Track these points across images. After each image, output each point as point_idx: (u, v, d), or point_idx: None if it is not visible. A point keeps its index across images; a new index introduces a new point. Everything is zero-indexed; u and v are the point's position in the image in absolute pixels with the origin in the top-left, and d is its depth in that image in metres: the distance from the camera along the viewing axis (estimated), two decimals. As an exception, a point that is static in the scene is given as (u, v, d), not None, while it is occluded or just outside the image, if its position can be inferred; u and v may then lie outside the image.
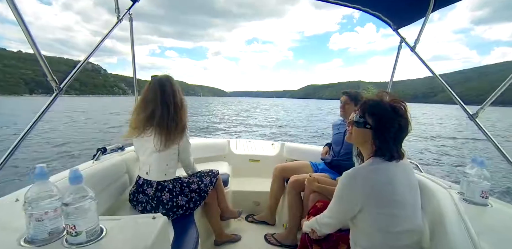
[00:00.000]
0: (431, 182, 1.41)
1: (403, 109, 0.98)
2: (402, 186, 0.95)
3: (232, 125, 16.35)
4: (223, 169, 2.38)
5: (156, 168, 1.52)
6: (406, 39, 1.92)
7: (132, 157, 1.87)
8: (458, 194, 1.21)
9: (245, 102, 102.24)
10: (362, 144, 1.06)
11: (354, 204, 0.95)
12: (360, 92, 2.16)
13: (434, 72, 1.70)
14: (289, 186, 1.99)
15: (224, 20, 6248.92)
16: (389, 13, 1.99)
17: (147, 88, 1.52)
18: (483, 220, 1.00)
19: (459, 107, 1.57)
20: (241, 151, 3.00)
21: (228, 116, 24.29)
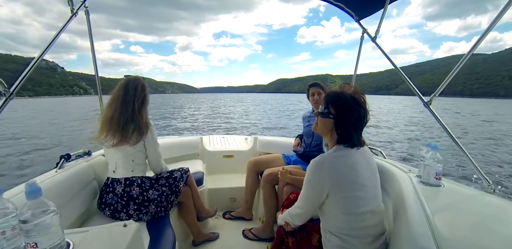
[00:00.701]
0: (393, 167, 1.52)
1: (362, 100, 1.09)
2: (363, 170, 1.05)
3: (205, 122, 16.01)
4: (197, 167, 2.36)
5: (122, 165, 1.54)
6: (367, 30, 2.03)
7: (101, 162, 1.78)
8: (416, 177, 1.34)
9: (217, 98, 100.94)
10: (326, 134, 1.14)
11: (322, 190, 1.03)
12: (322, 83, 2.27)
13: (393, 62, 1.82)
14: (263, 179, 2.03)
15: (191, 13, 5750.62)
16: (351, 4, 2.08)
17: (116, 88, 1.55)
18: (437, 199, 1.13)
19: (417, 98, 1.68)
20: (214, 148, 2.98)
21: (200, 113, 23.79)
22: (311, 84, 2.25)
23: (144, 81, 1.60)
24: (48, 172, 1.40)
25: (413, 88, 1.66)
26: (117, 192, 1.49)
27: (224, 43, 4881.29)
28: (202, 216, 1.94)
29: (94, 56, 2.01)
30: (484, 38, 1.26)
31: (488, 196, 1.17)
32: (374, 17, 2.06)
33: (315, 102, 2.18)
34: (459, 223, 0.93)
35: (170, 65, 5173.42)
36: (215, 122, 15.55)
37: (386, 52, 1.86)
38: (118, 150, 1.52)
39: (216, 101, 63.06)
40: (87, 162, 1.65)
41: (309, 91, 2.24)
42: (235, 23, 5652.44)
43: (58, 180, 1.33)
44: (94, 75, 2.15)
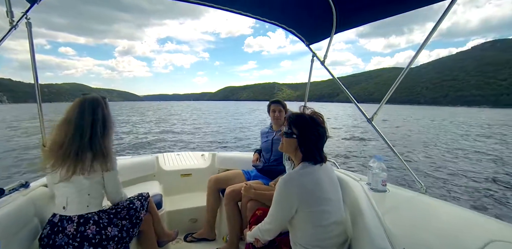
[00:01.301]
0: (346, 177, 1.73)
1: (320, 119, 1.23)
2: (327, 185, 1.17)
3: (155, 136, 14.68)
4: (154, 189, 2.24)
5: (75, 200, 1.33)
6: (317, 54, 2.26)
7: (42, 194, 1.55)
8: (366, 185, 1.55)
9: (162, 107, 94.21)
10: (291, 152, 1.25)
11: (291, 206, 1.12)
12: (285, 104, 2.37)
13: (338, 80, 2.09)
14: (226, 197, 2.03)
15: (133, 16, 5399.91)
16: (302, 31, 2.29)
17: (69, 108, 1.35)
18: (385, 203, 1.33)
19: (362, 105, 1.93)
20: (171, 167, 2.86)
21: (148, 125, 21.78)
22: (272, 101, 2.35)
23: (105, 101, 1.44)
24: None
25: (357, 107, 1.93)
26: (68, 232, 1.28)
27: (170, 49, 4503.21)
28: (163, 240, 1.84)
29: (35, 70, 1.78)
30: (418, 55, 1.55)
31: (422, 197, 1.43)
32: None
33: (275, 118, 2.30)
34: (404, 222, 1.13)
35: (109, 71, 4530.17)
36: (167, 137, 14.51)
37: (327, 63, 2.14)
38: (70, 183, 1.32)
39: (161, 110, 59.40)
40: (24, 196, 1.43)
41: (270, 107, 2.34)
42: (181, 29, 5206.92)
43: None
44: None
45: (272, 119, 2.35)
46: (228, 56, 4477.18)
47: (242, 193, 1.87)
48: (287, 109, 2.33)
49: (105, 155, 1.33)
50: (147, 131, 17.15)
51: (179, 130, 18.03)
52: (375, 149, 10.53)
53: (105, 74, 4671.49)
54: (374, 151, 10.19)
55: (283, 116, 2.28)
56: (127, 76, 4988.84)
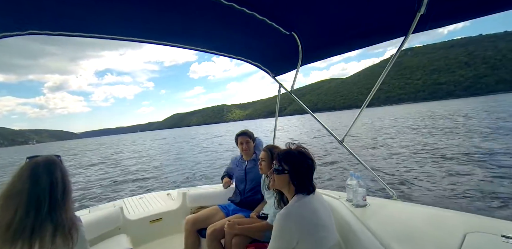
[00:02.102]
0: (327, 196, 1.83)
1: (307, 152, 1.31)
2: (322, 212, 1.23)
3: (105, 181, 12.71)
4: (123, 245, 2.03)
5: None
6: (283, 85, 2.41)
7: None
8: (347, 202, 1.68)
9: (104, 143, 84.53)
10: (284, 187, 1.31)
11: (291, 238, 1.15)
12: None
13: (301, 103, 2.29)
14: (209, 238, 1.95)
15: (64, 49, 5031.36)
16: (267, 65, 2.44)
17: (14, 177, 1.11)
18: (368, 215, 1.44)
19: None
20: (137, 215, 2.60)
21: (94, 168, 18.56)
22: (239, 133, 2.40)
23: (61, 160, 1.24)
24: None
25: (327, 129, 2.09)
26: None
27: (110, 81, 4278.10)
28: None
29: None
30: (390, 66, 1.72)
31: (395, 203, 1.61)
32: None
33: (244, 150, 2.35)
34: (392, 231, 1.23)
35: (36, 109, 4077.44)
36: (120, 179, 12.74)
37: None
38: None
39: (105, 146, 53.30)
40: None
41: (237, 140, 2.39)
42: (122, 60, 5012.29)
43: None
44: None
45: (241, 150, 2.39)
46: (173, 83, 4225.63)
47: (226, 230, 1.83)
48: (254, 138, 2.41)
49: (66, 225, 1.12)
50: (92, 175, 14.99)
51: (130, 168, 16.11)
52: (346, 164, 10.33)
53: (32, 113, 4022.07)
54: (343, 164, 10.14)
55: (251, 146, 2.36)
56: (60, 113, 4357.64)
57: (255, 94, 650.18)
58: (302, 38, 1.82)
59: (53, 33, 1.51)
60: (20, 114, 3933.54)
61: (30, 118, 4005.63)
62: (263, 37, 1.88)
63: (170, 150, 25.44)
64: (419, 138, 14.65)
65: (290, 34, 1.73)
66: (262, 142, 2.49)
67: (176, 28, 1.68)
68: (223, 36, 1.88)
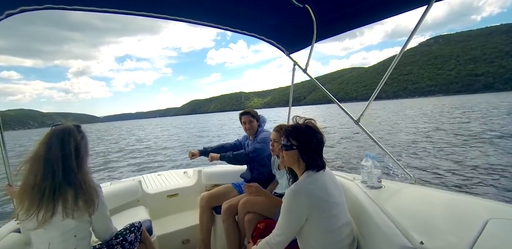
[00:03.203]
0: (340, 178, 1.80)
1: (315, 126, 1.29)
2: (333, 189, 1.23)
3: (128, 158, 13.84)
4: (141, 215, 2.18)
5: (60, 244, 1.22)
6: (298, 63, 2.34)
7: (13, 242, 1.38)
8: (362, 183, 1.65)
9: (126, 126, 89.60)
10: (293, 164, 1.30)
11: (301, 215, 1.15)
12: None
13: (320, 85, 2.25)
14: (224, 213, 2.04)
15: (85, 35, 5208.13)
16: (281, 41, 2.37)
17: (37, 142, 1.23)
18: (385, 199, 1.40)
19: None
20: (155, 189, 2.76)
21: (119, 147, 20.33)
22: (242, 113, 2.42)
23: (76, 128, 1.32)
24: None
25: (341, 108, 2.07)
26: None
27: (129, 67, 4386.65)
28: None
29: None
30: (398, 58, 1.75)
31: (414, 187, 1.56)
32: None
33: (248, 129, 2.39)
34: (409, 214, 1.20)
35: (62, 93, 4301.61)
36: (142, 158, 13.71)
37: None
38: (51, 227, 1.19)
39: (126, 130, 56.85)
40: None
41: (241, 119, 2.41)
42: (140, 46, 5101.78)
43: None
44: None
45: (244, 130, 2.43)
46: (191, 70, 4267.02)
47: (239, 207, 1.93)
48: (258, 117, 2.41)
49: (86, 190, 1.22)
50: (117, 154, 16.16)
51: (151, 149, 17.23)
52: (360, 148, 10.70)
53: (58, 97, 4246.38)
54: (358, 149, 10.38)
55: (255, 125, 2.38)
56: (84, 97, 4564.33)
57: (273, 82, 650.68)
58: (316, 11, 1.75)
59: (68, 7, 1.55)
60: (48, 98, 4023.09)
61: (56, 101, 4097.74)
62: (275, 12, 1.84)
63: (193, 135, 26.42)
64: (443, 126, 14.53)
65: (303, 7, 1.67)
66: (266, 120, 2.49)
67: (189, 2, 1.67)
68: (235, 11, 1.84)
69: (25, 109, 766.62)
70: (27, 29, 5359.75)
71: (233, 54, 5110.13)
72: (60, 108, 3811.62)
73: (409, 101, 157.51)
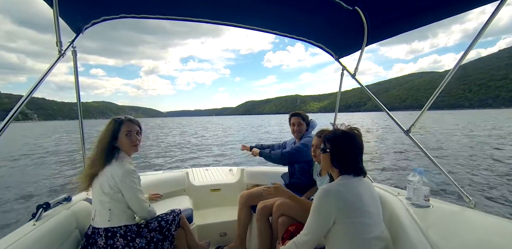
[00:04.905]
0: (382, 191, 1.70)
1: (355, 132, 1.28)
2: (367, 198, 1.19)
3: (182, 152, 15.01)
4: (185, 204, 2.38)
5: (99, 212, 1.48)
6: (347, 67, 2.26)
7: (83, 208, 1.70)
8: (406, 200, 1.51)
9: (185, 122, 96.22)
10: (329, 168, 1.31)
11: (329, 216, 1.14)
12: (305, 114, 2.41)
13: (369, 91, 2.07)
14: (258, 212, 2.08)
15: (157, 37, 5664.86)
16: (330, 45, 2.35)
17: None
18: (430, 220, 1.26)
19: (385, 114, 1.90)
20: (200, 182, 3.00)
21: (176, 141, 21.92)
22: (292, 114, 2.41)
23: (118, 119, 1.59)
24: (25, 225, 1.32)
25: (391, 118, 1.86)
26: (99, 245, 1.42)
27: (192, 67, 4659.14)
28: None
29: (78, 93, 2.01)
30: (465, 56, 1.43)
31: (470, 212, 1.35)
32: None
33: (295, 131, 2.36)
34: (452, 239, 1.07)
35: (135, 89, 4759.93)
36: (195, 152, 14.61)
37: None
38: (95, 196, 1.50)
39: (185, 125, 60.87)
40: (67, 210, 1.56)
41: (290, 120, 2.40)
42: (202, 48, 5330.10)
43: (37, 234, 1.25)
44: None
45: (292, 131, 2.41)
46: (248, 71, 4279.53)
47: (274, 208, 1.94)
48: (308, 121, 2.38)
49: (123, 173, 1.47)
50: (174, 147, 17.48)
51: (205, 145, 18.18)
52: (413, 162, 9.79)
53: (131, 92, 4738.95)
54: (412, 163, 9.50)
55: (303, 128, 2.34)
56: (151, 94, 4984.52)
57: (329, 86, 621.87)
58: (367, 13, 1.68)
59: (137, 16, 1.84)
60: (123, 93, 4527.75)
61: (130, 96, 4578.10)
62: (324, 15, 1.81)
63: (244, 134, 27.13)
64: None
65: (353, 10, 1.62)
66: (316, 125, 2.42)
67: (238, 7, 1.76)
68: (284, 15, 1.87)
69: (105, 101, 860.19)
70: (112, 33, 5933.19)
71: (290, 57, 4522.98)
72: (132, 102, 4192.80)
73: (501, 111, 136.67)
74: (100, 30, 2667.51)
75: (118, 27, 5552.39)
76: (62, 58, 1.57)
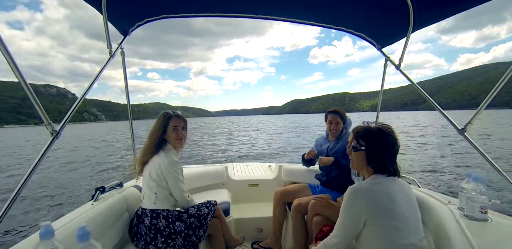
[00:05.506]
0: (430, 198, 1.49)
1: (389, 129, 1.19)
2: (401, 200, 1.09)
3: (225, 148, 15.87)
4: (223, 197, 2.46)
5: (147, 195, 1.67)
6: (390, 58, 2.07)
7: (132, 193, 1.89)
8: (458, 210, 1.29)
9: (232, 121, 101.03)
10: (362, 167, 1.23)
11: (359, 217, 1.07)
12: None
13: (418, 86, 1.83)
14: (293, 210, 2.06)
15: (204, 39, 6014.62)
16: (372, 33, 2.17)
17: None
18: (485, 236, 1.06)
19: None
20: (239, 176, 3.07)
21: (220, 138, 23.29)
22: (330, 111, 2.29)
23: (167, 113, 1.75)
24: (85, 205, 1.54)
25: (444, 115, 1.64)
26: (146, 224, 1.59)
27: (238, 67, 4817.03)
28: (231, 245, 2.01)
29: (127, 93, 2.23)
30: None
31: None
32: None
33: (332, 130, 2.25)
34: None
35: (186, 90, 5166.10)
36: (234, 148, 15.32)
37: (402, 68, 1.93)
38: (144, 180, 1.70)
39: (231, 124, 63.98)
40: (119, 194, 1.76)
41: (327, 117, 2.29)
42: (247, 47, 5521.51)
43: (95, 212, 1.44)
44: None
45: (328, 129, 2.31)
46: (293, 69, 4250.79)
47: (309, 207, 1.91)
48: (346, 119, 2.27)
49: (168, 164, 1.63)
50: (217, 142, 18.84)
51: (247, 142, 19.05)
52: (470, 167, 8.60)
53: (183, 93, 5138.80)
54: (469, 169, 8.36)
55: (340, 127, 2.24)
56: (201, 94, 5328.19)
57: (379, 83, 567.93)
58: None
59: (176, 15, 1.92)
60: (176, 94, 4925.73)
61: (181, 97, 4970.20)
62: (365, 2, 1.67)
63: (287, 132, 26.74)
64: None
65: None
66: (351, 122, 2.31)
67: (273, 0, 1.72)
68: (318, 4, 1.78)
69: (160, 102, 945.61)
70: (164, 37, 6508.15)
71: (336, 52, 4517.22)
72: (183, 103, 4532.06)
73: None
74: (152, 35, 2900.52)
75: (168, 31, 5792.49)
76: (112, 58, 1.76)
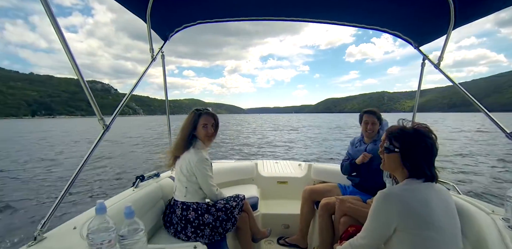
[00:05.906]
0: (471, 206, 1.38)
1: (426, 130, 1.09)
2: (438, 209, 0.99)
3: (256, 145, 16.15)
4: (252, 192, 2.54)
5: (178, 188, 1.77)
6: (429, 56, 1.96)
7: (167, 184, 2.04)
8: (502, 221, 1.19)
9: (264, 119, 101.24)
10: (395, 170, 1.14)
11: (389, 223, 1.00)
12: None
13: (460, 86, 1.69)
14: (321, 209, 2.05)
15: (238, 38, 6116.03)
16: (409, 31, 2.06)
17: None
18: None
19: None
20: (268, 173, 3.11)
21: (251, 135, 23.69)
22: (366, 111, 2.20)
23: (198, 110, 1.81)
24: (127, 190, 1.72)
25: (491, 118, 1.53)
26: (177, 214, 1.70)
27: (271, 65, 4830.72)
28: (257, 237, 2.05)
29: (166, 90, 2.42)
30: None
31: None
32: None
33: (368, 131, 2.14)
34: None
35: (219, 88, 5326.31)
36: (266, 146, 15.55)
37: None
38: (176, 174, 1.79)
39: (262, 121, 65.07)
40: (156, 183, 1.94)
41: (362, 118, 2.19)
42: (281, 45, 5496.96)
43: (135, 198, 1.60)
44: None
45: (363, 131, 2.20)
46: (328, 67, 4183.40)
47: (336, 206, 1.90)
48: (382, 120, 2.17)
49: (197, 161, 1.69)
50: (249, 139, 19.23)
51: (279, 139, 19.37)
52: None
53: (216, 90, 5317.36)
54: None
55: (376, 128, 2.14)
56: (234, 91, 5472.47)
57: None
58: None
59: (210, 20, 2.03)
60: (209, 91, 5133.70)
61: (215, 94, 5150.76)
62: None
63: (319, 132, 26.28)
64: None
65: None
66: (387, 124, 2.17)
67: (303, 2, 1.73)
68: (351, 4, 1.71)
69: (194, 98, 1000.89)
70: (200, 37, 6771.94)
71: (374, 49, 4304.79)
72: (216, 100, 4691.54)
73: None
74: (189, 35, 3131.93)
75: (205, 32, 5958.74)
76: (154, 62, 1.91)
